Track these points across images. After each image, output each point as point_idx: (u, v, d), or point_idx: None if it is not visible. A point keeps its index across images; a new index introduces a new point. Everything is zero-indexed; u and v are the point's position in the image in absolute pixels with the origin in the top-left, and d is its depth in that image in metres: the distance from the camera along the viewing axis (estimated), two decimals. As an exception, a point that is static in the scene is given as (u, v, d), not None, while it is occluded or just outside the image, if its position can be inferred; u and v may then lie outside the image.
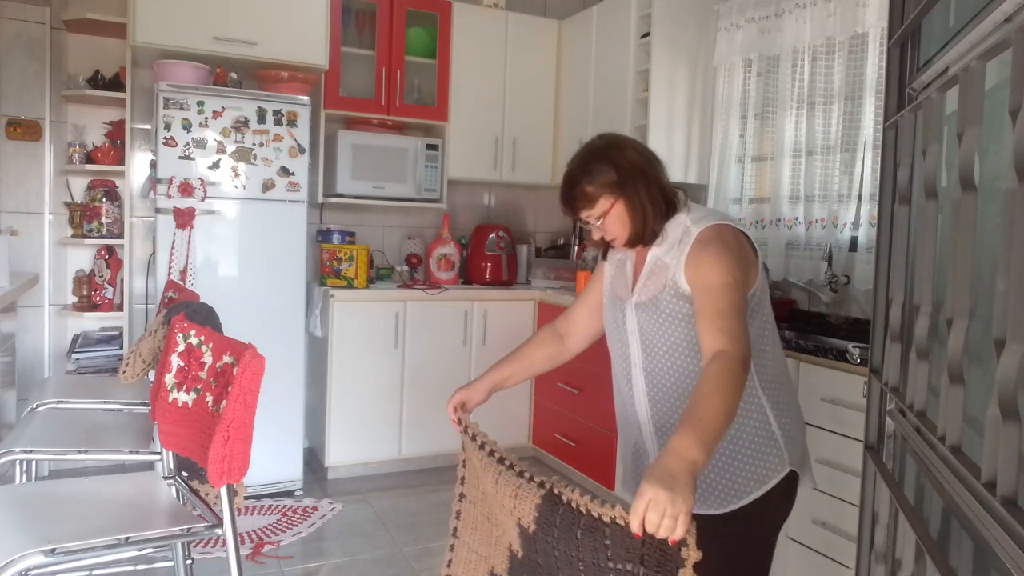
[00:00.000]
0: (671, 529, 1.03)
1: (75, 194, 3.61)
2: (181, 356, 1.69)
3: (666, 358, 1.53)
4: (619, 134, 1.62)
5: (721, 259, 1.44)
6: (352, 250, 3.66)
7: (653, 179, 1.55)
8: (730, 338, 1.35)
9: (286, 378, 3.41)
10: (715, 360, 1.33)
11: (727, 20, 3.51)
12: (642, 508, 1.05)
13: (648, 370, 1.56)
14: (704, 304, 1.42)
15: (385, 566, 2.80)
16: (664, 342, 1.53)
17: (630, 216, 1.52)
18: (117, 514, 1.60)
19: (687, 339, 1.50)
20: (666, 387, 1.54)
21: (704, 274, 1.44)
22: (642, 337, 1.56)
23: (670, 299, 1.50)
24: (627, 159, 1.53)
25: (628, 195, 1.51)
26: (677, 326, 1.50)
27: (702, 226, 1.50)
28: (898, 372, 1.49)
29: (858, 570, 1.67)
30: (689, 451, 1.14)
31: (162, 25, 3.26)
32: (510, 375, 1.76)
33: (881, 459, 1.60)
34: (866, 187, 2.88)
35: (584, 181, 1.52)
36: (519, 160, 4.24)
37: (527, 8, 4.42)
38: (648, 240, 1.54)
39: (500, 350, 3.95)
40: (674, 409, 1.54)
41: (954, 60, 1.16)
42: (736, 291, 1.42)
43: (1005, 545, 0.79)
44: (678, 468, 1.11)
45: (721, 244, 1.46)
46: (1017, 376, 0.82)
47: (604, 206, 1.51)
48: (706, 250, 1.46)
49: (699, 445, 1.16)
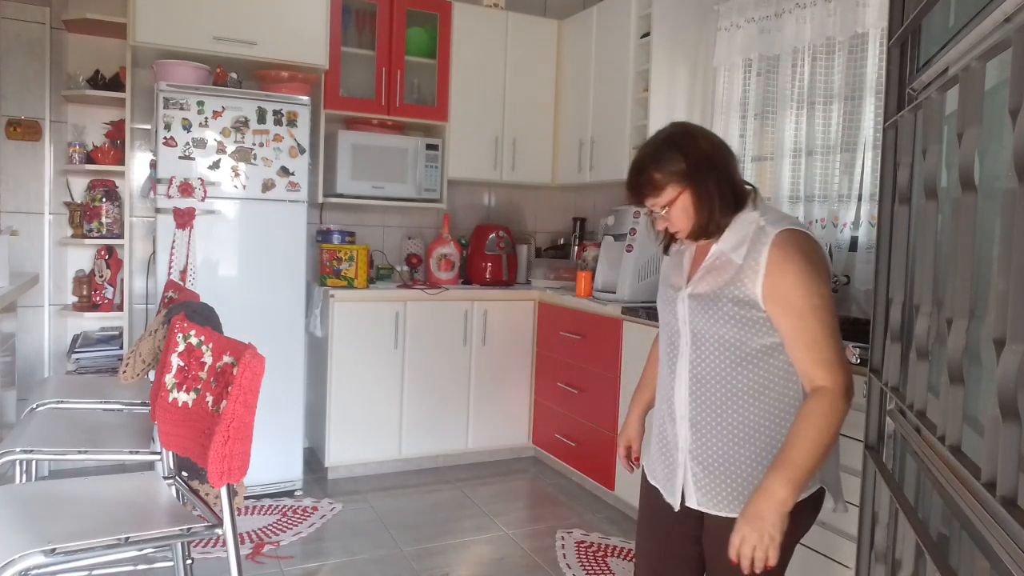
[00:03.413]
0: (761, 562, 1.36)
1: (75, 194, 3.61)
2: (181, 356, 1.69)
3: (714, 355, 1.50)
4: (692, 123, 1.58)
5: (806, 275, 1.39)
6: (352, 250, 3.66)
7: (723, 171, 1.50)
8: (828, 369, 1.38)
9: (286, 378, 3.41)
10: (814, 397, 1.39)
11: (727, 20, 3.51)
12: (737, 543, 1.38)
13: (694, 363, 1.53)
14: (796, 331, 1.41)
15: (385, 566, 2.80)
16: (714, 338, 1.49)
17: (696, 208, 1.48)
18: (117, 514, 1.60)
19: (738, 339, 1.47)
20: (709, 383, 1.51)
21: (788, 292, 1.40)
22: (692, 329, 1.53)
23: (730, 300, 1.46)
24: (698, 149, 1.49)
25: (696, 186, 1.47)
26: (730, 326, 1.47)
27: (779, 228, 1.44)
28: (898, 372, 1.49)
29: (858, 570, 1.67)
30: (778, 491, 1.35)
31: (162, 25, 3.26)
32: (650, 398, 1.82)
33: (881, 459, 1.60)
34: (866, 187, 2.88)
35: (652, 168, 1.48)
36: (519, 160, 4.24)
37: (527, 8, 4.42)
38: (712, 233, 1.50)
39: (500, 350, 3.98)
40: (713, 406, 1.51)
41: (954, 60, 1.16)
42: (826, 311, 1.40)
43: (1005, 545, 0.79)
44: (767, 509, 1.35)
45: (804, 258, 1.41)
46: (1017, 376, 0.82)
47: (670, 195, 1.48)
48: (788, 260, 1.41)
49: (788, 485, 1.35)
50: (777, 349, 1.46)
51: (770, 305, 1.42)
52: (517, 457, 4.15)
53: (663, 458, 1.62)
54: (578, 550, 3.00)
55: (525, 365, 4.08)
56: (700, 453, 1.53)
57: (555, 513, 3.40)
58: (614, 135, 3.81)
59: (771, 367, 1.47)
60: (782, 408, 1.48)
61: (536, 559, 2.92)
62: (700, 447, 1.52)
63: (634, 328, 3.25)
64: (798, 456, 1.35)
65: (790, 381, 1.48)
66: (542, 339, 4.04)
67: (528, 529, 3.20)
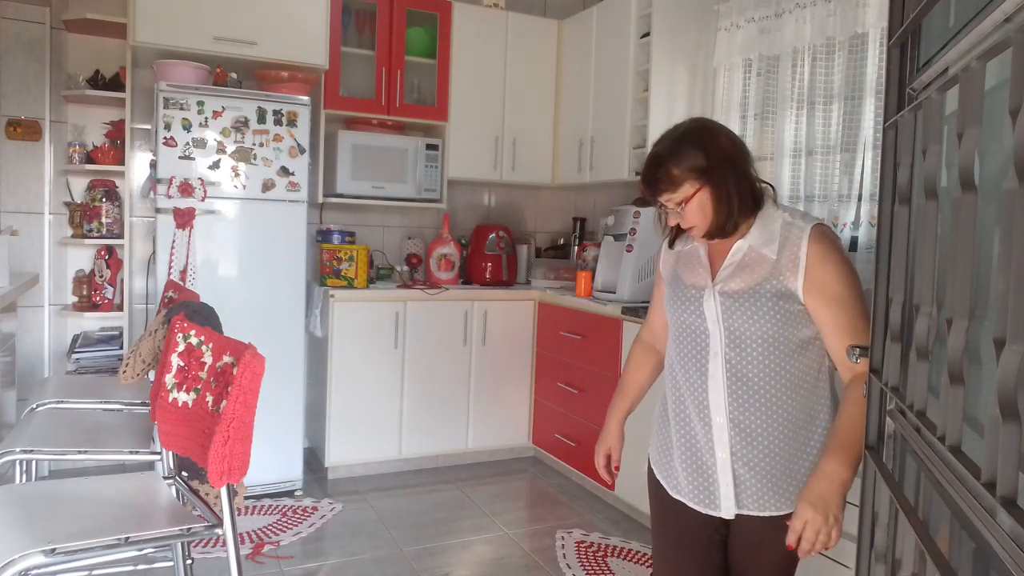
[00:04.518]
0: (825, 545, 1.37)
1: (75, 194, 3.61)
2: (181, 356, 1.69)
3: (755, 351, 1.48)
4: (712, 120, 1.56)
5: (845, 266, 1.43)
6: (352, 250, 3.66)
7: (743, 171, 1.49)
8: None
9: (286, 378, 3.41)
10: (858, 381, 1.40)
11: (727, 20, 3.51)
12: (799, 527, 1.36)
13: (732, 361, 1.50)
14: (839, 320, 1.42)
15: (385, 566, 2.80)
16: (755, 335, 1.48)
17: (714, 206, 1.46)
18: (117, 514, 1.60)
19: (779, 334, 1.46)
20: (750, 381, 1.49)
21: (832, 284, 1.42)
22: (727, 327, 1.50)
23: (771, 292, 1.45)
24: (719, 146, 1.47)
25: (715, 183, 1.45)
26: (772, 321, 1.46)
27: (810, 223, 1.46)
28: (898, 372, 1.49)
29: (858, 570, 1.66)
30: (839, 473, 1.36)
31: (162, 25, 3.26)
32: (630, 406, 1.81)
33: (881, 459, 1.60)
34: (866, 187, 2.88)
35: (671, 163, 1.45)
36: (519, 160, 4.24)
37: (527, 8, 4.42)
38: (729, 233, 1.49)
39: (500, 350, 3.98)
40: (756, 404, 1.49)
41: (954, 60, 1.16)
42: (863, 300, 1.42)
43: (1005, 545, 0.79)
44: (830, 491, 1.36)
45: (839, 251, 1.44)
46: (1017, 376, 0.82)
47: (687, 191, 1.45)
48: (828, 254, 1.43)
49: (848, 467, 1.36)
50: (811, 343, 1.48)
51: (811, 298, 1.43)
52: (517, 457, 4.15)
53: (693, 467, 1.57)
54: (578, 550, 3.00)
55: (525, 365, 4.08)
56: (746, 454, 1.50)
57: (555, 513, 3.40)
58: (614, 135, 3.81)
59: (808, 361, 1.49)
60: (816, 401, 1.50)
61: (536, 559, 2.92)
62: (745, 448, 1.50)
63: (634, 328, 3.25)
64: (855, 436, 1.35)
65: (821, 374, 1.50)
66: (542, 339, 4.04)
67: (528, 529, 3.20)
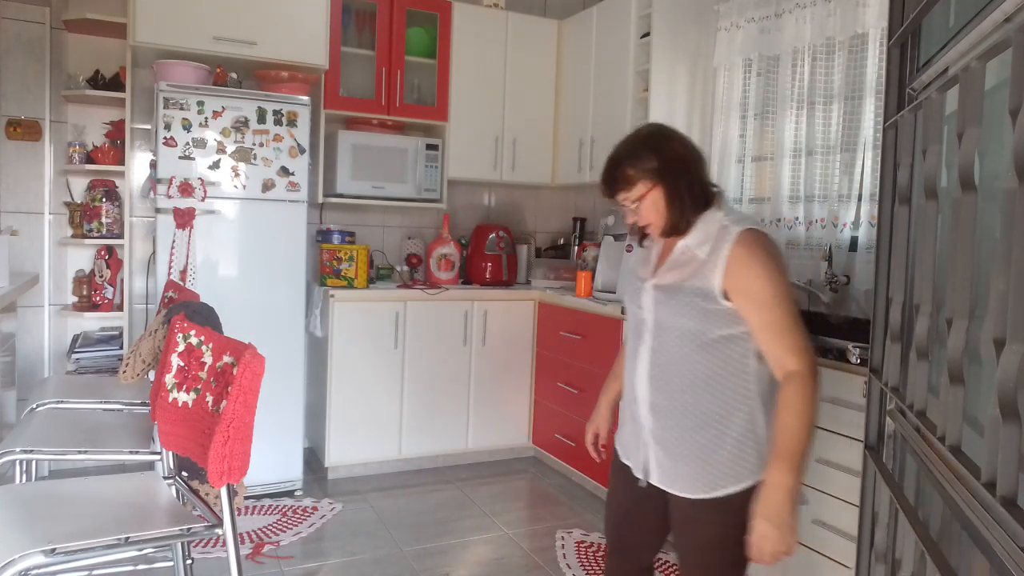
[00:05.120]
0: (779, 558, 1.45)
1: (75, 194, 3.61)
2: (181, 356, 1.69)
3: (674, 343, 1.58)
4: (668, 126, 1.67)
5: (769, 269, 1.49)
6: (352, 250, 3.66)
7: (695, 173, 1.59)
8: (798, 354, 1.48)
9: (286, 378, 3.41)
10: (787, 383, 1.48)
11: (727, 20, 3.51)
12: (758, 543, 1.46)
13: (654, 350, 1.62)
14: (764, 321, 1.50)
15: (385, 566, 2.80)
16: (675, 327, 1.57)
17: (667, 205, 1.57)
18: (117, 514, 1.60)
19: (696, 329, 1.54)
20: (668, 370, 1.59)
21: (754, 285, 1.49)
22: (656, 318, 1.61)
23: (692, 291, 1.54)
24: (671, 149, 1.58)
25: (667, 183, 1.56)
26: (690, 316, 1.55)
27: (742, 227, 1.53)
28: (898, 372, 1.49)
29: (858, 570, 1.67)
30: (784, 481, 1.44)
31: (162, 25, 3.26)
32: (620, 389, 1.87)
33: (881, 459, 1.60)
34: (866, 187, 2.88)
35: (626, 163, 1.58)
36: (519, 160, 4.24)
37: (527, 8, 4.42)
38: (682, 230, 1.58)
39: (500, 350, 3.98)
40: (671, 392, 1.59)
41: (954, 60, 1.16)
42: (789, 302, 1.49)
43: (1005, 545, 0.79)
44: (779, 501, 1.44)
45: (765, 253, 1.50)
46: (1017, 376, 0.82)
47: (641, 190, 1.57)
48: (751, 257, 1.50)
49: (790, 473, 1.44)
50: (732, 340, 1.54)
51: (737, 298, 1.51)
52: (517, 457, 4.15)
53: (633, 438, 1.71)
54: (578, 550, 3.00)
55: (525, 365, 4.08)
56: (660, 435, 1.62)
57: (555, 513, 3.40)
58: (614, 135, 3.77)
59: (726, 357, 1.55)
60: (735, 397, 1.55)
61: (536, 559, 2.92)
62: (660, 429, 1.62)
63: (634, 328, 3.25)
64: (792, 442, 1.45)
65: (743, 371, 1.55)
66: (542, 339, 4.04)
67: (528, 529, 3.20)
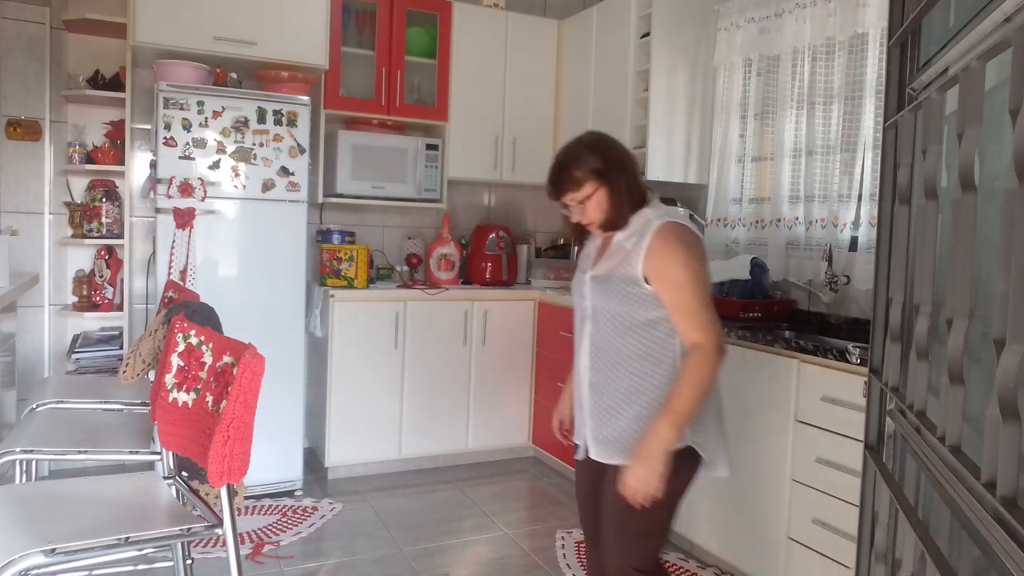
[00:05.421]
0: (646, 496, 1.65)
1: (75, 194, 3.61)
2: (181, 356, 1.69)
3: (607, 326, 1.78)
4: (605, 133, 1.87)
5: (680, 254, 1.69)
6: (352, 250, 3.66)
7: (632, 174, 1.79)
8: (702, 330, 1.68)
9: (286, 378, 3.41)
10: (691, 353, 1.69)
11: (727, 20, 3.51)
12: (629, 479, 1.66)
13: (592, 334, 1.82)
14: (674, 301, 1.70)
15: (385, 566, 2.80)
16: (607, 312, 1.77)
17: (610, 202, 1.76)
18: (117, 514, 1.60)
19: (624, 312, 1.74)
20: (604, 351, 1.79)
21: (667, 270, 1.69)
22: (592, 305, 1.81)
23: (621, 278, 1.74)
24: (613, 153, 1.79)
25: (610, 184, 1.75)
26: (618, 301, 1.75)
27: (662, 220, 1.74)
28: (898, 372, 1.49)
29: (858, 570, 1.67)
30: (662, 432, 1.65)
31: (162, 25, 3.26)
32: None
33: (881, 459, 1.60)
34: (866, 187, 2.88)
35: (574, 167, 1.76)
36: (519, 160, 4.24)
37: (527, 8, 4.42)
38: (620, 226, 1.78)
39: (500, 350, 3.98)
40: (606, 370, 1.79)
41: (954, 60, 1.16)
42: (699, 284, 1.70)
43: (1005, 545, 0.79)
44: (653, 447, 1.65)
45: (679, 240, 1.70)
46: (1017, 376, 0.82)
47: (588, 190, 1.76)
48: (667, 245, 1.70)
49: (670, 427, 1.64)
50: (657, 323, 1.73)
51: (655, 282, 1.71)
52: (517, 457, 4.15)
53: (578, 418, 1.91)
54: (578, 550, 3.00)
55: (525, 365, 4.08)
56: (596, 411, 1.81)
57: (555, 513, 3.40)
58: (614, 135, 3.79)
59: (652, 338, 1.74)
60: (661, 374, 1.74)
61: (536, 559, 2.92)
62: (595, 406, 1.81)
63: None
64: (679, 402, 1.65)
65: (668, 350, 1.74)
66: (542, 339, 4.04)
67: (528, 529, 3.20)
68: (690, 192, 3.80)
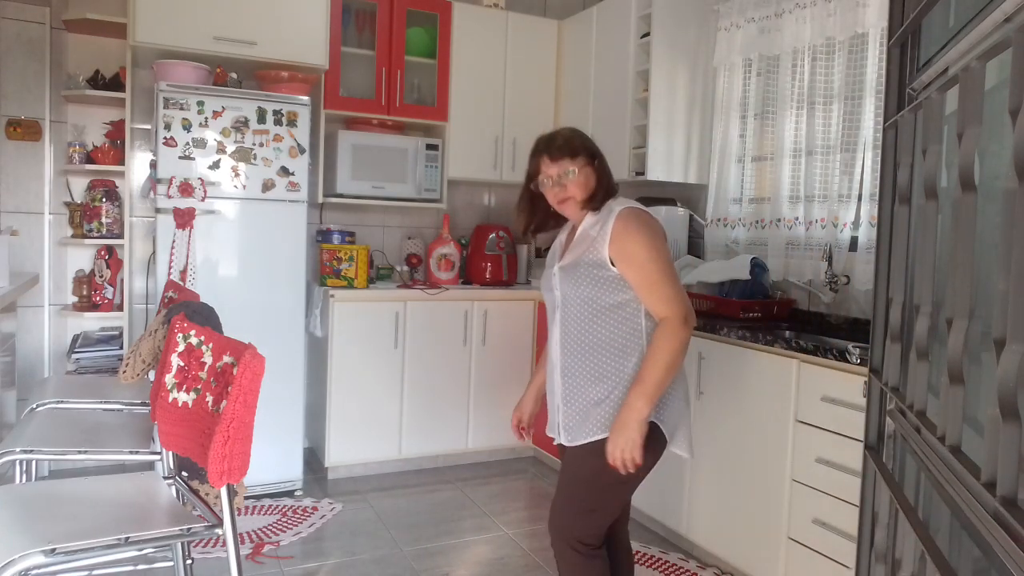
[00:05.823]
0: (631, 463, 1.75)
1: (75, 194, 3.61)
2: (181, 356, 1.69)
3: (576, 311, 1.87)
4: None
5: (641, 234, 1.80)
6: (352, 250, 3.66)
7: (608, 169, 1.96)
8: (668, 303, 1.78)
9: (286, 378, 3.41)
10: (659, 328, 1.78)
11: (727, 20, 3.51)
12: (611, 449, 1.76)
13: (563, 321, 1.90)
14: (640, 278, 1.79)
15: (385, 566, 2.80)
16: (576, 298, 1.86)
17: (596, 182, 1.89)
18: (117, 514, 1.60)
19: (592, 296, 1.83)
20: (574, 335, 1.88)
21: (631, 249, 1.79)
22: (562, 294, 1.90)
23: (588, 263, 1.83)
24: (596, 145, 1.96)
25: (597, 166, 1.91)
26: (586, 285, 1.83)
27: (623, 206, 1.86)
28: (898, 372, 1.49)
29: (858, 570, 1.67)
30: (635, 403, 1.74)
31: (162, 25, 3.26)
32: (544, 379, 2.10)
33: (881, 459, 1.60)
34: (866, 187, 2.88)
35: (577, 139, 1.91)
36: (519, 160, 4.24)
37: (527, 8, 4.42)
38: (596, 207, 1.89)
39: (500, 350, 3.98)
40: (576, 354, 1.87)
41: (954, 60, 1.16)
42: (662, 261, 1.80)
43: (1005, 545, 0.79)
44: (629, 418, 1.74)
45: (639, 222, 1.82)
46: (1017, 376, 0.82)
47: (581, 163, 1.89)
48: (628, 227, 1.80)
49: (643, 397, 1.74)
50: (624, 305, 1.83)
51: (620, 264, 1.80)
52: (517, 457, 4.15)
53: (551, 405, 1.99)
54: (578, 550, 2.99)
55: (525, 365, 4.08)
56: (566, 395, 1.90)
57: (555, 513, 3.40)
58: (614, 135, 3.80)
59: (620, 321, 1.83)
60: (624, 356, 1.82)
61: (536, 559, 2.92)
62: (566, 389, 1.90)
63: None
64: (649, 375, 1.74)
65: (635, 330, 1.83)
66: (542, 339, 4.04)
67: (528, 529, 3.20)
68: (690, 192, 3.80)
